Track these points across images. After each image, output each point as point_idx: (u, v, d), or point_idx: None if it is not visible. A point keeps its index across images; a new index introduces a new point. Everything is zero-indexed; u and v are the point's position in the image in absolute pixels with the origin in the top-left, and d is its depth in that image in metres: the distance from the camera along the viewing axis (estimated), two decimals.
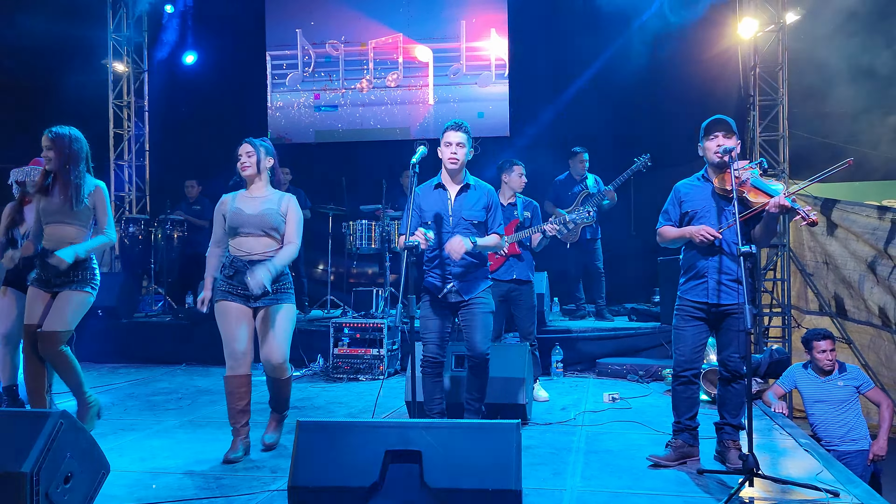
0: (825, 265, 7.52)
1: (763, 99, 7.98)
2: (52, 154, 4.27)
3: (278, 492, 3.51)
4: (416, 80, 9.60)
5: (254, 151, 4.17)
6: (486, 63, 9.40)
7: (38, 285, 4.34)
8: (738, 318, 3.77)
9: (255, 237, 4.05)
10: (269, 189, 4.20)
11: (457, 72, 9.47)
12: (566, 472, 3.87)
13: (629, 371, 6.48)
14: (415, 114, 9.62)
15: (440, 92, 9.54)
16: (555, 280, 7.73)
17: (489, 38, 9.36)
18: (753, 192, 3.73)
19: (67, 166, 4.27)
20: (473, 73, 9.43)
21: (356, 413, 5.35)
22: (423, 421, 2.94)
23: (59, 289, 4.30)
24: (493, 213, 4.26)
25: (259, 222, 4.04)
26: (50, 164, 4.29)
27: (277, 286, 4.06)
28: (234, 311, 4.04)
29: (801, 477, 3.66)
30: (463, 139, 4.19)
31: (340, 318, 6.98)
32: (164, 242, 8.55)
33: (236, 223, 4.05)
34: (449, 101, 9.50)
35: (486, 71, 9.40)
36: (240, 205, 4.10)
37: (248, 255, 4.03)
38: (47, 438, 2.76)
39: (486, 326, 4.17)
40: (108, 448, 3.44)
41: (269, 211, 4.06)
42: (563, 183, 7.66)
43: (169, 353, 7.58)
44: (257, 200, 4.11)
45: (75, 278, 4.30)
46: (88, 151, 4.42)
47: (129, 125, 10.09)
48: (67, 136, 4.30)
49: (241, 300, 4.05)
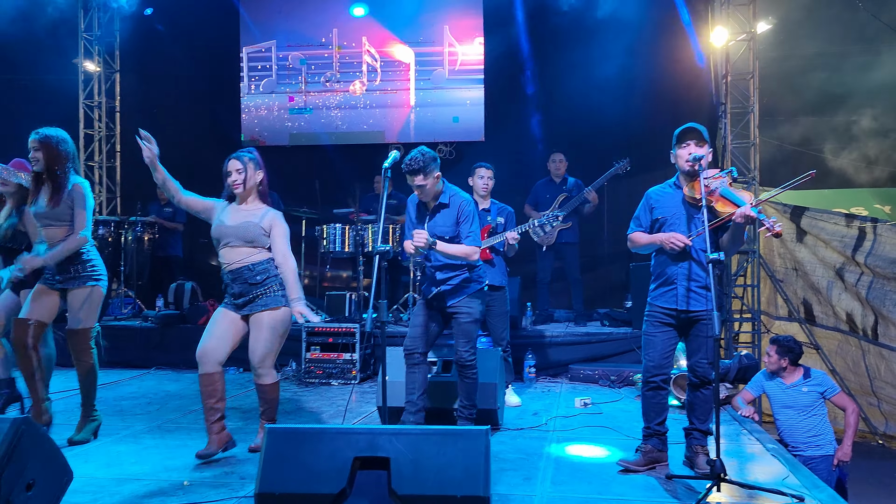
0: (794, 271, 7.63)
1: (734, 107, 8.08)
2: (40, 155, 4.29)
3: (246, 498, 3.48)
4: (391, 83, 9.59)
5: (243, 168, 4.19)
6: (462, 68, 9.41)
7: (43, 281, 4.42)
8: (706, 325, 3.81)
9: (233, 248, 4.11)
10: (257, 204, 4.23)
11: (432, 76, 9.47)
12: (537, 477, 3.87)
13: (601, 376, 6.52)
14: (390, 118, 9.60)
15: (415, 96, 9.53)
16: (528, 285, 7.76)
17: (465, 42, 9.37)
18: (721, 202, 3.77)
19: (55, 168, 4.30)
20: (449, 77, 9.44)
21: (327, 418, 5.32)
22: (393, 427, 2.93)
23: (63, 286, 4.36)
24: (464, 223, 4.31)
25: (237, 233, 4.09)
26: (37, 165, 4.31)
27: (263, 290, 4.11)
28: (221, 315, 4.18)
29: (767, 482, 3.70)
30: (420, 179, 4.21)
31: (313, 323, 6.91)
32: (134, 245, 8.44)
33: (218, 235, 4.14)
34: (423, 105, 9.50)
35: (463, 75, 9.41)
36: (224, 217, 4.16)
37: (228, 265, 4.13)
38: (9, 445, 2.71)
39: (468, 334, 4.37)
40: (73, 454, 3.40)
41: (247, 224, 4.11)
42: (543, 186, 7.71)
43: (138, 357, 7.47)
44: (241, 213, 4.17)
45: (76, 274, 4.35)
46: (75, 152, 4.47)
47: (100, 125, 9.96)
48: (55, 138, 4.33)
49: (232, 308, 4.17)
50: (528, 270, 7.82)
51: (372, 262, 7.20)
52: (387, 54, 9.58)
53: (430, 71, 9.48)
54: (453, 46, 9.41)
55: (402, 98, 9.58)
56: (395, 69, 9.58)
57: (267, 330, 4.10)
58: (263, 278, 4.11)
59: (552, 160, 7.72)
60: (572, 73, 8.44)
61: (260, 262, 4.12)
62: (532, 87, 9.00)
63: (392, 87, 9.59)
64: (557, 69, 8.78)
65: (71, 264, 4.34)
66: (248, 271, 4.09)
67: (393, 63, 9.58)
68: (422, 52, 9.50)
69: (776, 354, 5.35)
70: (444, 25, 9.42)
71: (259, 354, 4.12)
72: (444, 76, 9.45)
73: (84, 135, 9.79)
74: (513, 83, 9.19)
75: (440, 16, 9.44)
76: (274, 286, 4.13)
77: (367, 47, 9.60)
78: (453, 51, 9.41)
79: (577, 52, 8.43)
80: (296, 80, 9.79)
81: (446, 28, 9.41)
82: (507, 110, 9.20)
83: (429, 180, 4.23)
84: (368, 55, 9.60)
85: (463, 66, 9.40)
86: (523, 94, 9.06)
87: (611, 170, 7.20)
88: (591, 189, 7.36)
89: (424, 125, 9.47)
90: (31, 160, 4.35)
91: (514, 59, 9.15)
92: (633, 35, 8.36)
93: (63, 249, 4.28)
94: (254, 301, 4.10)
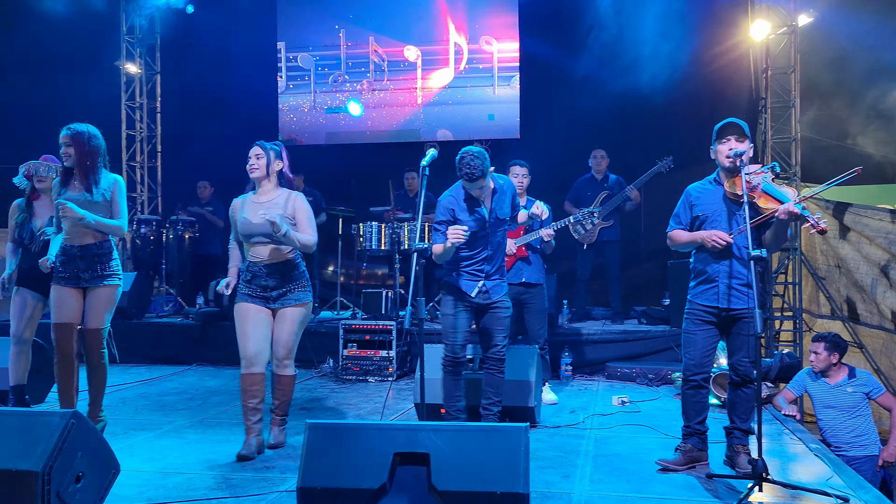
0: (837, 269, 7.48)
1: (775, 102, 7.95)
2: (72, 150, 4.35)
3: (287, 492, 3.53)
4: (427, 81, 9.60)
5: (263, 154, 4.26)
6: (498, 65, 9.39)
7: (65, 283, 4.38)
8: (748, 323, 3.76)
9: (265, 245, 4.18)
10: (276, 191, 4.28)
11: (467, 73, 9.47)
12: (574, 475, 3.87)
13: (639, 374, 6.47)
14: (425, 115, 9.62)
15: (451, 94, 9.54)
16: (567, 283, 7.72)
17: (500, 39, 9.35)
18: (764, 198, 3.72)
19: (87, 162, 4.35)
20: (485, 75, 9.43)
21: (365, 415, 5.36)
22: (432, 423, 2.95)
23: (87, 284, 4.38)
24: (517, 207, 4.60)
25: (267, 230, 4.10)
26: (69, 160, 4.37)
27: (294, 285, 4.21)
28: (252, 311, 4.19)
29: (810, 482, 3.65)
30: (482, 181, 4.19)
31: (350, 320, 6.99)
32: (175, 243, 8.60)
33: (247, 231, 4.20)
34: (459, 102, 9.50)
35: (499, 73, 9.40)
36: (247, 214, 4.21)
37: (262, 260, 4.19)
38: (59, 438, 2.78)
39: (507, 328, 4.43)
40: (118, 448, 3.47)
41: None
42: (584, 183, 7.65)
43: (180, 353, 7.61)
44: (264, 206, 4.19)
45: (103, 272, 4.39)
46: (105, 147, 4.52)
47: (142, 126, 10.15)
48: (86, 133, 4.38)
49: (260, 302, 4.20)
50: (567, 268, 7.77)
51: (408, 260, 7.30)
52: (423, 53, 9.59)
53: (465, 68, 9.48)
54: (489, 44, 9.40)
55: (436, 96, 9.59)
56: (431, 67, 9.59)
57: (296, 324, 4.23)
58: (297, 274, 4.25)
59: (593, 156, 7.60)
60: (609, 69, 8.36)
61: (295, 258, 4.25)
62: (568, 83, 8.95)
63: (427, 85, 9.60)
64: (594, 65, 8.69)
65: (98, 262, 4.38)
66: (285, 266, 4.21)
67: (429, 61, 9.60)
68: (456, 49, 9.50)
69: (825, 351, 5.23)
70: (479, 23, 9.42)
71: (287, 347, 4.23)
72: (479, 73, 9.44)
73: (126, 135, 9.99)
74: (549, 80, 9.15)
75: (475, 13, 9.43)
76: (303, 281, 4.27)
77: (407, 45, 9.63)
78: (489, 48, 9.39)
79: (614, 48, 8.36)
80: (332, 79, 9.86)
81: (482, 25, 9.40)
82: (543, 107, 9.16)
83: (487, 179, 4.25)
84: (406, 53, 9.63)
85: (498, 63, 9.38)
86: (559, 91, 9.01)
87: (654, 168, 7.08)
88: (633, 187, 7.25)
89: (459, 123, 9.48)
90: (62, 155, 4.38)
91: (550, 56, 9.11)
92: (671, 30, 8.26)
93: (103, 223, 4.32)
94: (286, 295, 4.20)
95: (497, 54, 9.37)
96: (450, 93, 9.53)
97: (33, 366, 5.14)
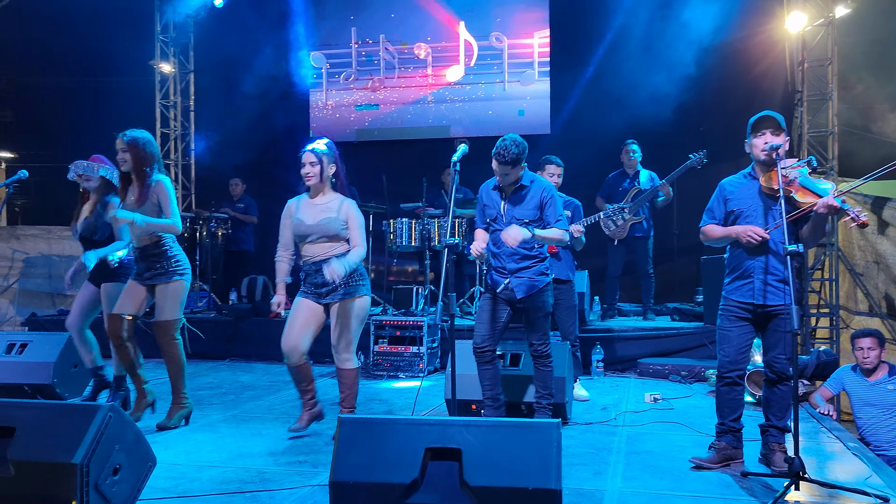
0: (876, 265, 7.33)
1: (811, 95, 7.81)
2: (128, 156, 4.53)
3: (319, 486, 3.55)
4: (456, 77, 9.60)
5: (317, 161, 4.34)
6: (527, 60, 9.36)
7: (134, 278, 4.68)
8: (784, 319, 3.70)
9: (318, 243, 4.29)
10: (330, 194, 4.37)
11: (497, 69, 9.44)
12: (607, 472, 3.84)
13: (671, 371, 6.40)
14: (455, 112, 9.62)
15: (480, 90, 9.52)
16: (596, 279, 7.67)
17: (530, 34, 9.31)
18: (801, 192, 3.65)
19: (143, 168, 4.53)
20: (514, 70, 9.40)
21: (396, 410, 5.38)
22: (463, 419, 2.94)
23: (151, 282, 4.60)
24: (549, 208, 4.32)
25: (320, 230, 4.26)
26: (125, 165, 4.56)
27: (349, 281, 4.29)
28: (303, 306, 4.33)
29: (849, 481, 3.58)
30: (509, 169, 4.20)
31: (381, 316, 7.02)
32: (208, 240, 8.71)
33: (300, 233, 4.31)
34: (489, 98, 9.48)
35: (528, 69, 9.36)
36: (301, 215, 4.32)
37: (312, 257, 4.30)
38: (97, 431, 2.83)
39: (542, 327, 4.40)
40: (154, 441, 3.53)
41: (327, 220, 4.26)
42: (615, 179, 7.55)
43: (213, 348, 7.70)
44: (318, 208, 4.31)
45: (162, 270, 4.58)
46: (160, 153, 4.73)
47: (176, 125, 10.29)
48: (141, 139, 4.56)
49: (313, 298, 4.32)
50: (598, 264, 7.71)
51: (438, 256, 7.31)
52: (451, 48, 9.59)
53: (494, 64, 9.46)
54: (519, 39, 9.36)
55: (466, 92, 9.57)
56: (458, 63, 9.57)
57: (349, 317, 4.29)
58: (354, 270, 4.28)
59: (625, 151, 7.52)
60: (641, 63, 8.28)
61: (343, 255, 4.27)
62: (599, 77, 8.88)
63: (456, 82, 9.59)
64: (625, 59, 8.61)
65: (158, 261, 4.58)
66: None
67: (456, 56, 9.59)
68: (486, 45, 9.48)
69: (879, 347, 5.10)
70: (509, 18, 9.38)
71: (345, 340, 4.30)
72: (508, 69, 9.41)
73: (161, 134, 10.13)
74: (579, 75, 9.08)
75: (505, 8, 9.40)
76: (354, 275, 4.30)
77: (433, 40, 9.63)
78: (519, 43, 9.36)
79: (646, 42, 8.28)
80: (363, 77, 9.90)
81: (512, 20, 9.37)
82: (574, 102, 9.08)
83: (517, 170, 4.23)
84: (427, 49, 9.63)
85: (528, 58, 9.34)
86: (590, 86, 8.93)
87: (687, 162, 6.95)
88: (666, 182, 7.14)
89: (489, 119, 9.46)
90: (118, 161, 4.58)
91: (581, 51, 9.04)
92: (703, 22, 8.15)
93: (157, 223, 4.49)
94: (336, 291, 4.27)
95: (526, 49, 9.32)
96: (480, 88, 9.50)
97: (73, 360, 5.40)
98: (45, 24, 9.73)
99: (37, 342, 5.59)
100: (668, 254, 8.35)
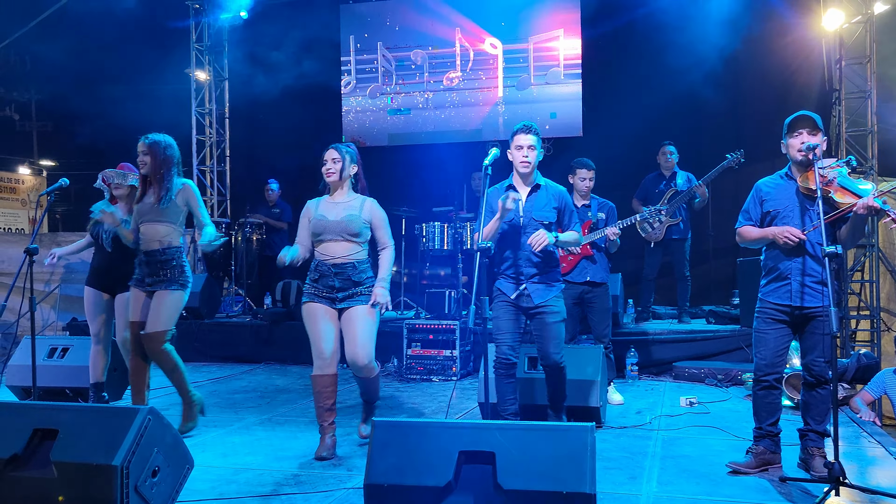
0: None
1: (849, 93, 7.67)
2: (148, 159, 4.55)
3: (354, 489, 3.57)
4: (486, 81, 9.61)
5: (340, 158, 4.27)
6: (558, 62, 9.33)
7: (135, 284, 4.62)
8: (822, 322, 3.64)
9: (337, 242, 4.18)
10: (350, 194, 4.31)
11: (528, 71, 9.43)
12: (642, 476, 3.81)
13: (707, 375, 6.33)
14: (486, 115, 9.63)
15: (511, 93, 9.52)
16: (630, 281, 7.61)
17: (561, 36, 9.28)
18: (840, 192, 3.59)
19: (161, 170, 4.54)
20: (544, 72, 9.38)
21: (429, 414, 5.39)
22: (497, 422, 2.94)
23: (152, 288, 4.54)
24: (566, 213, 4.26)
25: (340, 228, 4.16)
26: (145, 167, 4.57)
27: (361, 288, 4.19)
28: (321, 312, 4.19)
29: (891, 487, 3.51)
30: (533, 141, 4.20)
31: (413, 320, 7.04)
32: (244, 245, 8.82)
33: (319, 229, 4.20)
34: (520, 101, 9.47)
35: (558, 69, 9.32)
36: (323, 211, 4.24)
37: (331, 258, 4.18)
38: (136, 433, 2.88)
39: (558, 336, 4.20)
40: (191, 444, 3.59)
41: (350, 217, 4.18)
42: (651, 180, 7.47)
43: (249, 352, 7.81)
44: (340, 206, 4.24)
45: (165, 277, 4.53)
46: (180, 157, 4.71)
47: (211, 132, 10.45)
48: (162, 143, 4.58)
49: (326, 302, 4.19)
50: (634, 266, 7.65)
51: (471, 260, 7.31)
52: (481, 51, 9.60)
53: (526, 67, 9.44)
54: (550, 41, 9.34)
55: (497, 95, 9.58)
56: (488, 66, 9.58)
57: (368, 326, 4.19)
58: (365, 277, 4.21)
59: (662, 153, 7.42)
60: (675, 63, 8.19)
61: (363, 260, 4.23)
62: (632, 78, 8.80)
63: (486, 85, 9.60)
64: (659, 59, 8.52)
65: (163, 268, 4.53)
66: (353, 269, 4.18)
67: (487, 59, 9.59)
68: (516, 48, 9.47)
69: None
70: (540, 20, 9.36)
71: (366, 353, 4.17)
72: (540, 71, 9.39)
73: (196, 141, 10.29)
74: (611, 76, 9.03)
75: (537, 10, 9.38)
76: (368, 278, 4.25)
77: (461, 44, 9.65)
78: (550, 45, 9.33)
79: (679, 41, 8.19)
80: (394, 81, 9.95)
81: (543, 22, 9.35)
82: (607, 104, 9.01)
83: (537, 149, 4.19)
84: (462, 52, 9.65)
85: (560, 60, 9.31)
86: (623, 87, 8.87)
87: (723, 162, 6.82)
88: (702, 183, 7.04)
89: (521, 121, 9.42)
90: (139, 163, 4.60)
91: (613, 52, 8.99)
92: (738, 20, 8.06)
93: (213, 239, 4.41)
94: (354, 297, 4.17)
95: (558, 52, 9.30)
96: (510, 91, 9.50)
97: (112, 364, 5.36)
98: (83, 35, 9.94)
99: (77, 346, 5.70)
100: (703, 255, 8.25)
